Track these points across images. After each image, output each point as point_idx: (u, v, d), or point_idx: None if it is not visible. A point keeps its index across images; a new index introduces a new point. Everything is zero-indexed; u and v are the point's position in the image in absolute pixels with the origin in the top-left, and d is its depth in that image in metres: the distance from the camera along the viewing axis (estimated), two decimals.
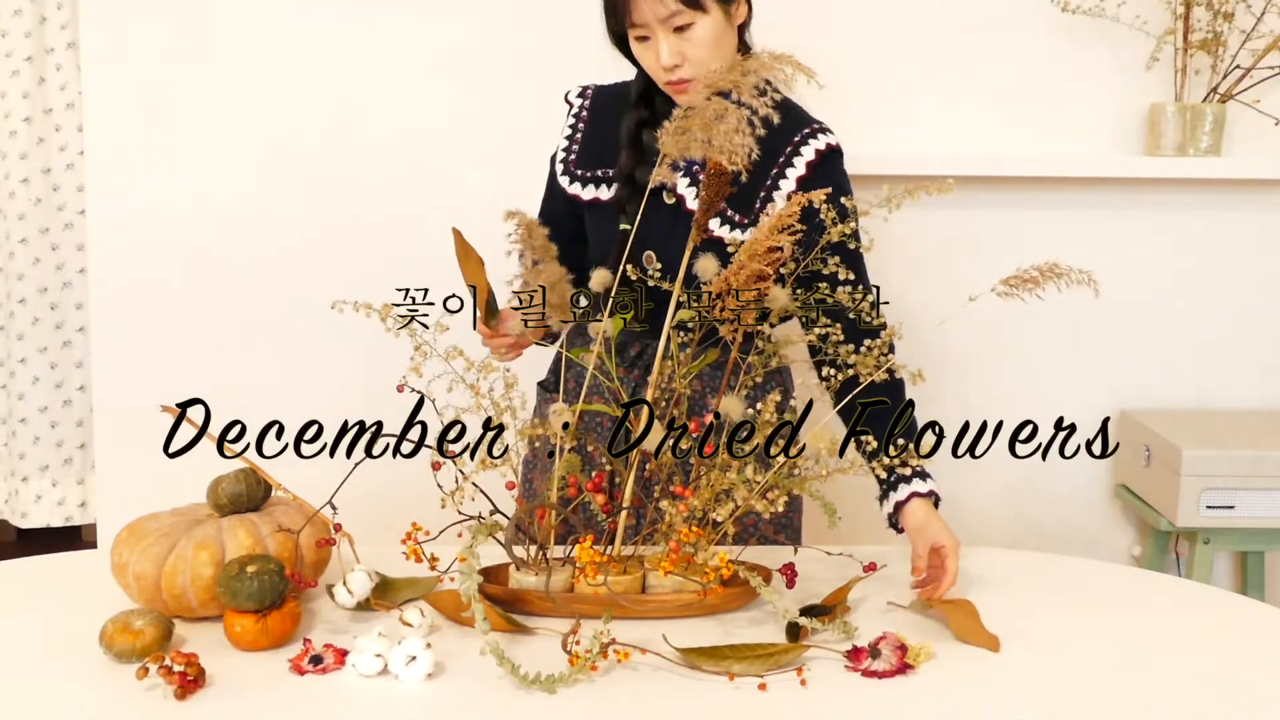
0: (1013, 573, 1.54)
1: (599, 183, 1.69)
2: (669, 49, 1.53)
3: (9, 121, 2.44)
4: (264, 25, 2.35)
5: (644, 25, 1.54)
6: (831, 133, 1.65)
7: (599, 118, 1.73)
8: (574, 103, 1.76)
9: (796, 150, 1.62)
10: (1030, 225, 2.44)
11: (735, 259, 1.38)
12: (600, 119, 1.72)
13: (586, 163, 1.71)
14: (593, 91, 1.76)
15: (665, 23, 1.52)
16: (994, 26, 2.38)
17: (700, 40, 1.54)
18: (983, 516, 2.53)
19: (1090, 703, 1.19)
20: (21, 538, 3.38)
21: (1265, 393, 2.52)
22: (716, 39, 1.55)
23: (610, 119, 1.69)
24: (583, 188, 1.71)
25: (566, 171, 1.72)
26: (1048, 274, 1.35)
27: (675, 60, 1.54)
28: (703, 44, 1.54)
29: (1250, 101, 2.35)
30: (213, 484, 1.41)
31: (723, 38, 1.56)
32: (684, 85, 1.57)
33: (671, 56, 1.54)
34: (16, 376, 2.52)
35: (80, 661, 1.25)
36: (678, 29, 1.53)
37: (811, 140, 1.63)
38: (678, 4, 1.51)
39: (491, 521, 1.32)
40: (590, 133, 1.73)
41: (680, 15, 1.52)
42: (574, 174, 1.72)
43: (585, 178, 1.71)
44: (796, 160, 1.62)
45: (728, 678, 1.22)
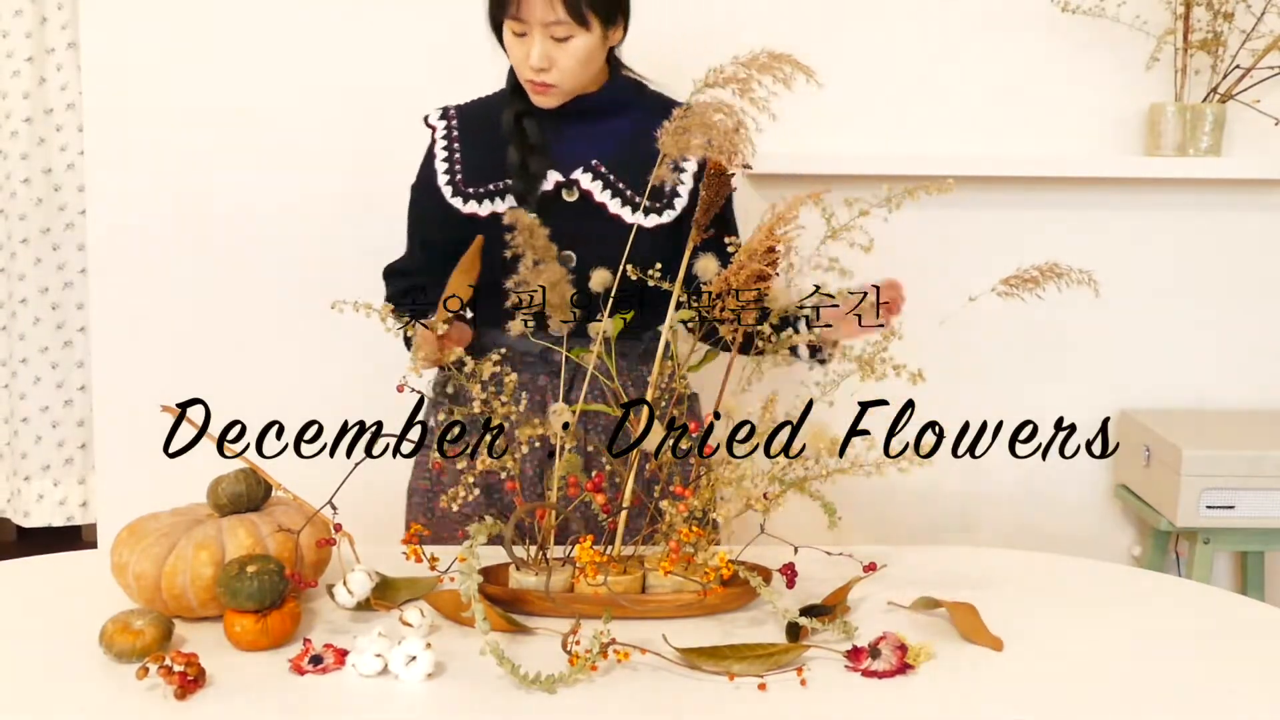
0: (1013, 573, 1.54)
1: (494, 196, 1.70)
2: (540, 52, 1.60)
3: (10, 122, 2.44)
4: (264, 25, 2.35)
5: (526, 23, 1.59)
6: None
7: (472, 134, 1.75)
8: (437, 125, 1.77)
9: None
10: (1030, 225, 2.44)
11: (735, 259, 1.38)
12: (475, 135, 1.74)
13: (476, 179, 1.72)
14: (454, 111, 1.78)
15: (547, 27, 1.59)
16: (994, 26, 2.38)
17: (573, 53, 1.62)
18: (983, 516, 2.53)
19: (1090, 703, 1.19)
20: (22, 537, 3.38)
21: (1265, 393, 2.52)
22: (589, 55, 1.63)
23: (486, 133, 1.72)
24: (479, 204, 1.71)
25: (458, 192, 1.72)
26: (1048, 274, 1.35)
27: (544, 64, 1.61)
28: (574, 57, 1.62)
29: (1250, 101, 2.35)
30: (213, 484, 1.41)
31: (595, 54, 1.64)
32: (545, 89, 1.65)
33: (541, 60, 1.61)
34: (18, 376, 2.52)
35: (80, 661, 1.25)
36: (556, 37, 1.60)
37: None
38: (566, 16, 1.58)
39: (492, 522, 1.32)
40: (469, 150, 1.74)
41: (563, 26, 1.59)
42: (466, 193, 1.72)
43: (480, 194, 1.71)
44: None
45: (728, 678, 1.22)
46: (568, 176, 1.69)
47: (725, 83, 1.36)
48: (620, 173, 1.70)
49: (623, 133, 1.71)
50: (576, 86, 1.67)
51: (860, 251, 1.36)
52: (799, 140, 2.28)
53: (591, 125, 1.71)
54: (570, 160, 1.70)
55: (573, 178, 1.69)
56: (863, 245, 1.38)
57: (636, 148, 1.67)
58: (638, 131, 1.67)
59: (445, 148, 1.75)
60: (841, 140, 2.39)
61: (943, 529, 2.53)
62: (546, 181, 1.69)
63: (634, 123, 1.70)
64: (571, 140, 1.70)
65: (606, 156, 1.70)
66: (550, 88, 1.65)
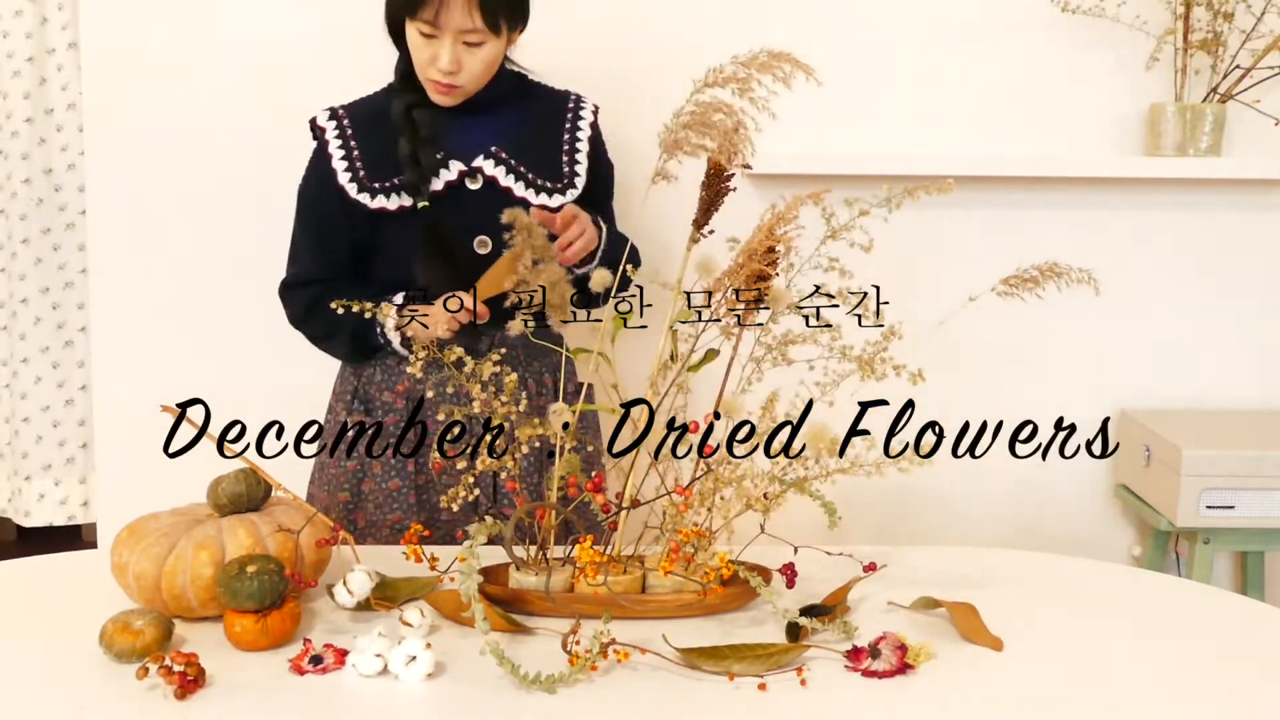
0: (1013, 573, 1.54)
1: (401, 190, 1.73)
2: (451, 56, 1.65)
3: (11, 122, 2.44)
4: (265, 25, 2.35)
5: (438, 27, 1.63)
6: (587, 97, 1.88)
7: (367, 130, 1.77)
8: (326, 126, 1.78)
9: (577, 115, 1.84)
10: (1030, 225, 2.44)
11: (735, 259, 1.38)
12: (370, 131, 1.76)
13: (380, 174, 1.74)
14: (343, 111, 1.80)
15: (460, 34, 1.64)
16: (994, 26, 2.38)
17: (482, 58, 1.68)
18: (983, 516, 2.53)
19: (1090, 703, 1.19)
20: (22, 537, 3.38)
21: (1265, 393, 2.52)
22: (495, 59, 1.70)
23: (382, 128, 1.76)
24: (387, 198, 1.74)
25: (363, 188, 1.74)
26: (1048, 274, 1.35)
27: (454, 68, 1.66)
28: (482, 62, 1.68)
29: (1250, 101, 2.35)
30: (213, 484, 1.41)
31: (498, 59, 1.71)
32: (450, 90, 1.70)
33: (451, 64, 1.65)
34: (19, 376, 2.52)
35: (80, 661, 1.25)
36: (469, 43, 1.65)
37: (584, 105, 1.86)
38: (482, 25, 1.63)
39: (492, 522, 1.32)
40: (367, 145, 1.76)
41: (478, 34, 1.64)
42: (372, 188, 1.74)
43: (387, 188, 1.74)
44: (580, 124, 1.84)
45: (728, 678, 1.22)
46: (470, 165, 1.74)
47: (725, 82, 1.36)
48: (520, 158, 1.76)
49: (513, 122, 1.79)
50: (478, 87, 1.72)
51: (860, 251, 1.36)
52: (799, 140, 2.28)
53: (481, 116, 1.77)
54: (468, 150, 1.75)
55: (476, 165, 1.74)
56: (863, 245, 1.38)
57: (529, 134, 1.78)
58: (527, 119, 1.80)
59: (341, 145, 1.76)
60: (841, 140, 2.39)
61: (943, 529, 2.53)
62: (450, 171, 1.73)
63: (522, 112, 1.80)
64: (465, 131, 1.75)
65: (505, 143, 1.76)
66: (455, 89, 1.70)
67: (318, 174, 1.78)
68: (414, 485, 1.77)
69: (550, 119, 1.83)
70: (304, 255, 1.81)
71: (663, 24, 2.36)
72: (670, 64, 1.83)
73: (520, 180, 1.75)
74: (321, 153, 1.78)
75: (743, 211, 1.66)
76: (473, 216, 1.73)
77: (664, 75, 1.78)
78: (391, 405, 1.79)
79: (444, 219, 1.72)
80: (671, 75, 1.70)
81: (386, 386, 1.79)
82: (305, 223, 1.81)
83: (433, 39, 1.65)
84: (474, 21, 1.62)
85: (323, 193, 1.76)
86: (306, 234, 1.81)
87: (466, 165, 1.74)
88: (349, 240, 1.77)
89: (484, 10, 1.63)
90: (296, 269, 1.82)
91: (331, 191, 1.75)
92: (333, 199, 1.75)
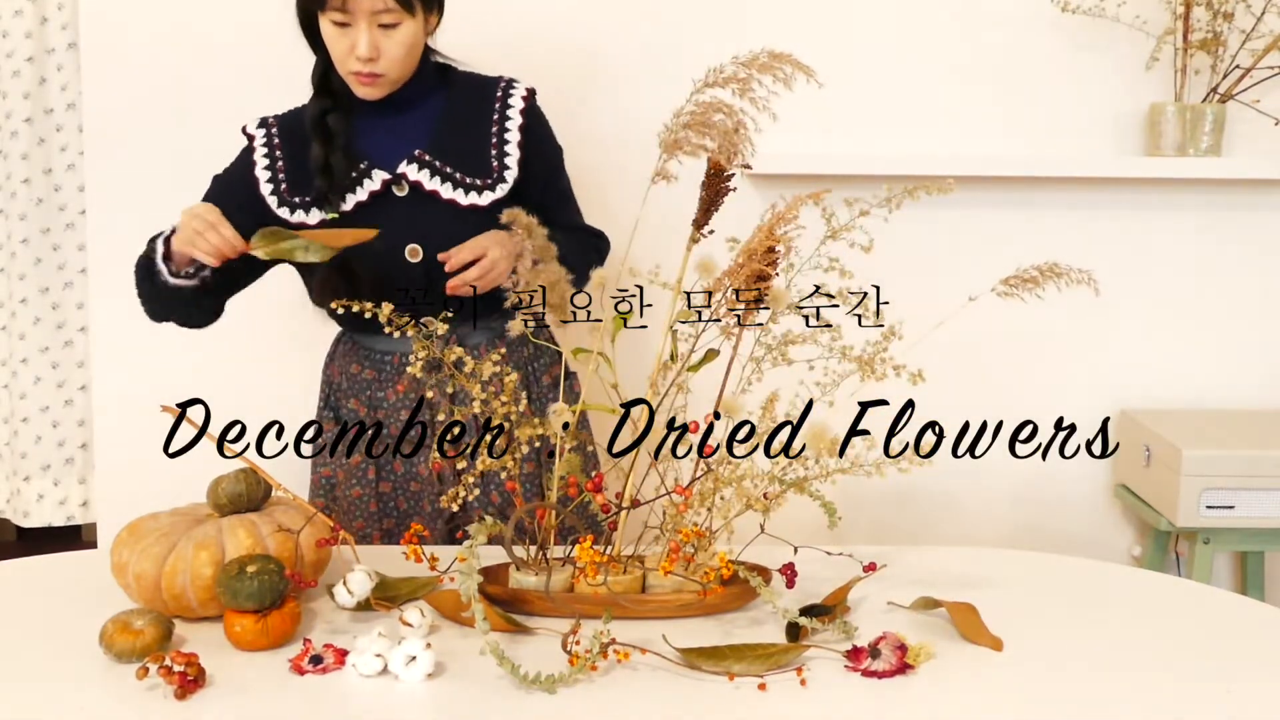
0: (1013, 573, 1.54)
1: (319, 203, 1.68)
2: (368, 41, 1.59)
3: (10, 122, 2.44)
4: (264, 24, 2.35)
5: (351, 13, 1.58)
6: (518, 80, 1.78)
7: (292, 143, 1.72)
8: (256, 134, 1.74)
9: (505, 103, 1.74)
10: (1030, 225, 2.44)
11: (735, 259, 1.38)
12: (295, 143, 1.72)
13: (301, 188, 1.70)
14: (274, 120, 1.76)
15: (374, 15, 1.58)
16: (994, 26, 2.38)
17: (400, 41, 1.61)
18: (983, 516, 2.53)
19: (1090, 703, 1.19)
20: (22, 537, 3.38)
21: (1265, 393, 2.52)
22: (415, 42, 1.64)
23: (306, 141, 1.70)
24: (307, 213, 1.70)
25: (284, 202, 1.70)
26: (1048, 274, 1.35)
27: (372, 54, 1.60)
28: (401, 45, 1.62)
29: (1250, 101, 2.35)
30: (213, 484, 1.41)
31: (418, 43, 1.65)
32: (373, 79, 1.63)
33: (370, 50, 1.59)
34: (18, 376, 2.52)
35: (80, 661, 1.25)
36: (383, 25, 1.59)
37: (513, 90, 1.76)
38: (394, 3, 1.57)
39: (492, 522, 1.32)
40: (291, 158, 1.71)
41: (391, 14, 1.58)
42: (293, 202, 1.70)
43: (307, 203, 1.70)
44: (510, 111, 1.74)
45: (728, 678, 1.22)
46: (393, 172, 1.69)
47: (725, 83, 1.36)
48: (444, 158, 1.70)
49: (435, 117, 1.72)
50: (401, 76, 1.66)
51: (860, 251, 1.36)
52: (799, 140, 2.28)
53: (404, 117, 1.71)
54: (391, 155, 1.70)
55: (400, 172, 1.68)
56: (863, 245, 1.38)
57: (453, 129, 1.71)
58: (450, 112, 1.73)
59: (266, 155, 1.73)
60: (841, 140, 2.39)
61: (943, 529, 2.53)
62: (373, 181, 1.68)
63: (445, 103, 1.73)
64: (387, 134, 1.71)
65: (426, 144, 1.70)
66: (378, 78, 1.63)
67: (237, 174, 1.74)
68: (376, 493, 1.76)
69: (476, 109, 1.75)
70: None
71: (663, 24, 2.36)
72: (671, 64, 1.83)
73: (447, 181, 1.69)
74: (246, 159, 1.74)
75: (743, 211, 1.66)
76: (399, 225, 1.67)
77: (666, 75, 1.78)
78: (354, 412, 1.77)
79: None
80: (674, 73, 1.70)
81: (352, 394, 1.78)
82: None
83: (346, 27, 1.60)
84: (385, 1, 1.57)
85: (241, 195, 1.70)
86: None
87: (390, 173, 1.69)
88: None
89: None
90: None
91: (249, 199, 1.70)
92: (249, 206, 1.69)
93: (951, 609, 1.36)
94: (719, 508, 1.38)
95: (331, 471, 1.77)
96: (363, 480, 1.74)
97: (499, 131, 1.72)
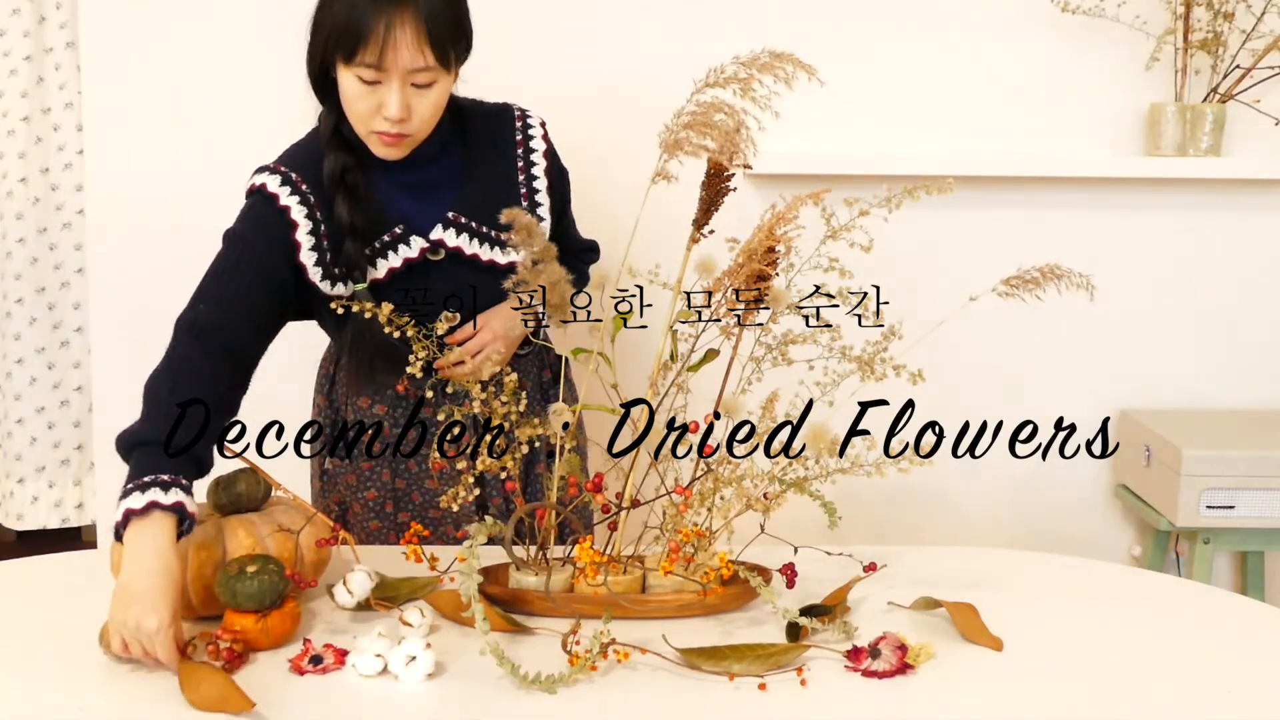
0: (1013, 573, 1.54)
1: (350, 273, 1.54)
2: (400, 101, 1.44)
3: (7, 120, 2.44)
4: (264, 24, 2.35)
5: (384, 70, 1.43)
6: (530, 111, 1.69)
7: (326, 201, 1.54)
8: (279, 192, 1.53)
9: (525, 133, 1.66)
10: (1030, 225, 2.44)
11: (735, 259, 1.38)
12: (328, 203, 1.54)
13: (336, 254, 1.54)
14: (298, 177, 1.54)
15: (408, 75, 1.44)
16: (994, 26, 2.38)
17: (432, 101, 1.48)
18: (983, 516, 2.53)
19: (1090, 703, 1.19)
20: (22, 538, 3.38)
21: (1265, 393, 2.52)
22: (444, 100, 1.50)
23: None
24: (345, 285, 1.55)
25: (327, 275, 1.54)
26: (1048, 274, 1.35)
27: (404, 115, 1.45)
28: (433, 105, 1.48)
29: (1250, 101, 2.35)
30: (213, 484, 1.40)
31: (446, 98, 1.51)
32: (398, 140, 1.49)
33: (401, 110, 1.44)
34: (13, 377, 2.51)
35: (80, 661, 1.25)
36: (418, 84, 1.45)
37: (527, 117, 1.67)
38: (434, 62, 1.43)
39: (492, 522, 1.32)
40: (329, 220, 1.54)
41: (428, 73, 1.44)
42: (334, 274, 1.54)
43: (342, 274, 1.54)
44: (532, 142, 1.66)
45: (728, 678, 1.22)
46: (428, 236, 1.57)
47: (726, 82, 1.36)
48: (476, 215, 1.59)
49: (458, 170, 1.61)
50: (426, 134, 1.53)
51: (860, 251, 1.36)
52: (799, 140, 2.28)
53: (428, 170, 1.59)
54: (420, 216, 1.58)
55: (435, 238, 1.57)
56: (863, 245, 1.38)
57: (479, 182, 1.61)
58: (473, 162, 1.62)
59: (306, 215, 1.53)
60: (841, 140, 2.39)
61: (943, 529, 2.53)
62: (410, 248, 1.56)
63: (464, 149, 1.62)
64: (409, 192, 1.58)
65: (455, 201, 1.59)
66: (404, 138, 1.49)
67: (272, 237, 1.52)
68: (391, 492, 1.75)
69: (499, 152, 1.64)
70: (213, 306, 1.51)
71: (664, 24, 2.36)
72: (670, 64, 1.83)
73: (485, 242, 1.59)
74: (284, 220, 1.52)
75: (743, 211, 1.65)
76: (439, 289, 1.56)
77: (665, 74, 1.78)
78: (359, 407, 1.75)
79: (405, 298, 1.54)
80: (673, 74, 1.70)
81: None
82: (228, 276, 1.52)
83: (374, 85, 1.44)
84: (425, 59, 1.42)
85: (274, 260, 1.51)
86: (218, 285, 1.52)
87: (424, 237, 1.57)
88: (279, 316, 1.55)
89: (434, 42, 1.42)
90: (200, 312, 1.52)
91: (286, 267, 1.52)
92: (282, 273, 1.52)
93: (951, 609, 1.36)
94: (719, 508, 1.38)
95: (335, 468, 1.76)
96: (377, 483, 1.72)
97: (527, 180, 1.64)
